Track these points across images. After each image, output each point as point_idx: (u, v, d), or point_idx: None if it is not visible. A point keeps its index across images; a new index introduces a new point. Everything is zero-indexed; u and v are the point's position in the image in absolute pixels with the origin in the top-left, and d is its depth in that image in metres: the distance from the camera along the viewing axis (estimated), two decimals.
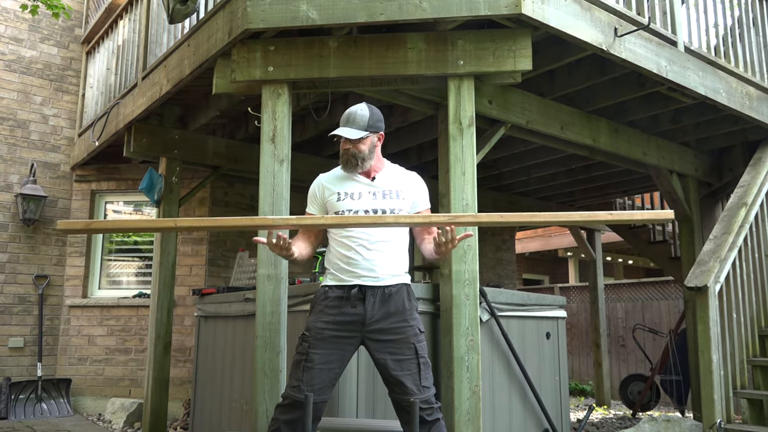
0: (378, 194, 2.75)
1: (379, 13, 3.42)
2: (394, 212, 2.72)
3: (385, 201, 2.74)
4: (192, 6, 3.93)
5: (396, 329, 2.65)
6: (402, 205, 2.76)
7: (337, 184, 2.82)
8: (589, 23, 3.69)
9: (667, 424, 4.28)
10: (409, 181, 2.84)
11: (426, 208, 2.85)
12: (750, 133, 5.51)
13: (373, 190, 2.77)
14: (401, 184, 2.81)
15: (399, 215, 2.64)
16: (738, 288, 4.52)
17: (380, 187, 2.77)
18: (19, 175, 6.53)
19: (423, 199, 2.85)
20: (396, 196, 2.76)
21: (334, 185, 2.82)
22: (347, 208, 2.74)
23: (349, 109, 2.79)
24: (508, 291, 4.36)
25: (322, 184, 2.85)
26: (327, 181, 2.85)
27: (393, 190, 2.77)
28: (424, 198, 2.86)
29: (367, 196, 2.75)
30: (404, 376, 2.61)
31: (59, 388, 6.13)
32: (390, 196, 2.76)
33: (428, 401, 2.62)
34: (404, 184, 2.82)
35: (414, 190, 2.82)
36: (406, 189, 2.80)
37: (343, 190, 2.79)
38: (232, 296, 4.43)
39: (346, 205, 2.74)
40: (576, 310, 9.74)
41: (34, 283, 6.44)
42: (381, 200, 2.74)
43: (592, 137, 4.86)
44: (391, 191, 2.77)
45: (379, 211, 2.72)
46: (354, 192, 2.77)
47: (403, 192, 2.78)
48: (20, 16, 6.68)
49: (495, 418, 4.00)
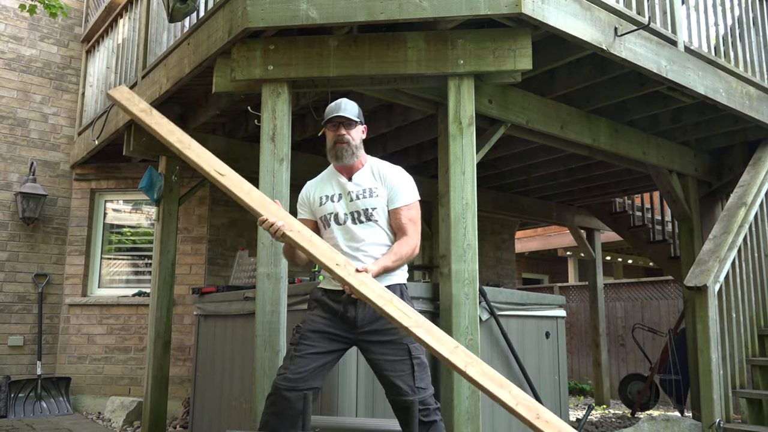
0: (353, 195, 2.76)
1: (379, 12, 3.42)
2: (368, 212, 2.73)
3: (360, 201, 2.74)
4: (192, 5, 3.93)
5: (388, 330, 2.64)
6: (376, 203, 2.75)
7: (320, 188, 2.87)
8: (589, 23, 3.69)
9: (666, 423, 4.29)
10: (384, 177, 2.79)
11: (402, 206, 2.75)
12: (750, 133, 5.51)
13: (350, 190, 2.77)
14: (377, 182, 2.78)
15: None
16: (737, 288, 4.52)
17: (357, 187, 2.78)
18: (19, 173, 6.52)
19: (399, 195, 2.76)
20: (369, 194, 2.75)
21: (318, 190, 2.87)
22: (328, 212, 2.79)
23: (335, 102, 2.81)
24: (508, 290, 4.36)
25: (308, 189, 2.92)
26: (312, 186, 2.91)
27: (367, 189, 2.77)
28: (400, 194, 2.76)
29: (345, 197, 2.78)
30: (397, 378, 2.60)
31: (59, 386, 6.13)
32: (364, 195, 2.75)
33: (424, 402, 2.60)
34: (380, 181, 2.79)
35: (389, 187, 2.77)
36: (381, 186, 2.78)
37: (325, 194, 2.82)
38: (232, 295, 4.43)
39: (326, 209, 2.79)
40: (575, 310, 9.74)
41: (33, 281, 6.44)
42: (356, 201, 2.75)
43: (592, 137, 4.86)
44: (365, 190, 2.76)
45: (355, 213, 2.74)
46: (334, 194, 2.80)
47: (378, 189, 2.77)
48: (20, 14, 6.68)
49: (494, 418, 4.00)
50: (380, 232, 2.75)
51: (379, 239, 2.75)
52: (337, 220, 2.77)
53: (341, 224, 2.76)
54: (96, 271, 6.71)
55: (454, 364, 2.34)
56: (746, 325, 4.58)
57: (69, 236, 6.67)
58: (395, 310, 2.40)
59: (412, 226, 2.75)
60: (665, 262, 7.28)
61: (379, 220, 2.74)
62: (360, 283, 2.44)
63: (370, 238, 2.72)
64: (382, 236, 2.76)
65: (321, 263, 2.52)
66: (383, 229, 2.76)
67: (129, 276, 6.77)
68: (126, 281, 6.74)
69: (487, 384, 2.29)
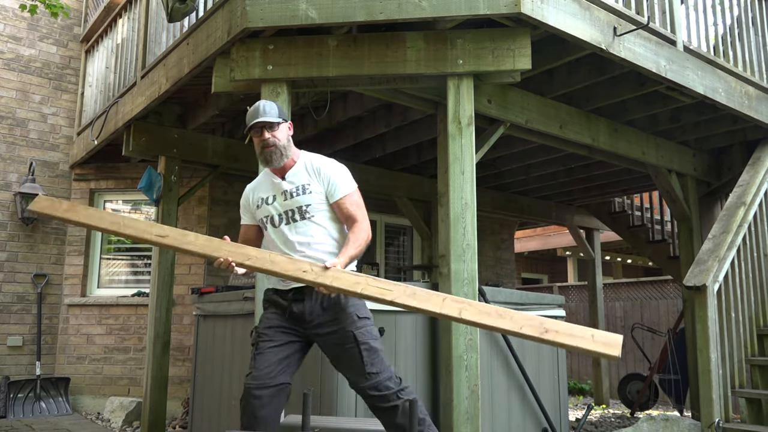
0: (287, 194, 2.74)
1: (378, 12, 3.42)
2: (302, 209, 2.71)
3: (294, 200, 2.72)
4: (191, 5, 3.93)
5: (333, 320, 2.66)
6: (310, 200, 2.72)
7: (258, 190, 2.85)
8: (588, 22, 3.69)
9: (665, 423, 4.29)
10: (318, 171, 2.76)
11: (344, 196, 2.73)
12: (749, 133, 5.51)
13: (283, 189, 2.75)
14: (309, 177, 2.75)
15: None
16: (737, 287, 4.52)
17: (290, 185, 2.75)
18: (18, 173, 6.52)
19: (337, 187, 2.74)
20: (303, 191, 2.73)
21: (256, 192, 2.86)
22: (264, 215, 2.79)
23: (253, 106, 2.76)
24: (507, 290, 4.36)
25: (247, 194, 2.91)
26: (250, 189, 2.91)
27: (300, 186, 2.74)
28: (339, 186, 2.74)
29: (279, 198, 2.76)
30: (346, 368, 2.65)
31: (58, 386, 6.12)
32: (297, 192, 2.73)
33: (377, 387, 2.58)
34: (312, 175, 2.76)
35: (323, 181, 2.75)
36: (314, 182, 2.75)
37: (261, 196, 2.81)
38: (231, 295, 4.43)
39: (262, 212, 2.79)
40: (575, 309, 9.74)
41: (32, 281, 6.44)
42: (290, 200, 2.73)
43: (592, 136, 4.86)
44: (298, 188, 2.74)
45: (289, 212, 2.72)
46: (269, 196, 2.79)
47: (311, 185, 2.74)
48: (19, 14, 6.67)
49: (494, 417, 4.00)
50: (316, 228, 2.72)
51: (316, 237, 2.71)
52: (273, 223, 2.75)
53: (276, 227, 2.75)
54: (95, 271, 6.70)
55: (449, 316, 2.35)
56: (745, 325, 4.58)
57: (68, 236, 6.67)
58: (374, 289, 2.40)
59: (359, 212, 2.73)
60: (664, 261, 7.28)
61: (314, 216, 2.71)
62: (333, 279, 2.44)
63: (305, 239, 2.70)
64: (319, 232, 2.72)
65: (289, 277, 2.52)
66: (320, 225, 2.72)
67: (128, 276, 6.77)
68: (125, 281, 6.74)
69: (487, 320, 2.32)
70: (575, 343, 2.21)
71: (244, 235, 2.90)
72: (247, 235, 2.89)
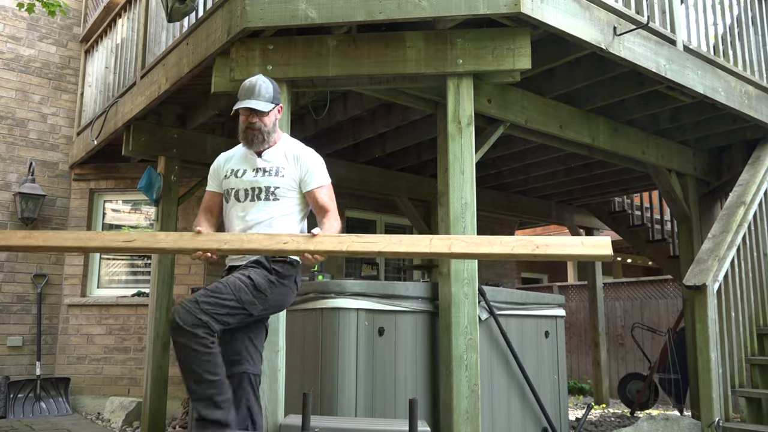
0: (260, 172, 2.75)
1: (378, 11, 3.42)
2: (270, 190, 2.71)
3: (264, 179, 2.73)
4: (190, 5, 3.93)
5: None
6: (280, 183, 2.73)
7: (231, 161, 2.85)
8: (588, 22, 3.69)
9: (665, 422, 4.28)
10: (297, 158, 2.78)
11: (320, 186, 2.76)
12: (749, 132, 5.51)
13: (257, 166, 2.76)
14: (287, 161, 2.77)
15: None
16: (737, 287, 4.52)
17: (265, 164, 2.76)
18: (18, 173, 6.52)
19: (312, 177, 2.76)
20: (275, 173, 2.74)
21: (228, 163, 2.86)
22: (229, 187, 2.79)
23: (249, 81, 2.76)
24: (507, 290, 4.36)
25: (219, 161, 2.91)
26: (224, 158, 2.91)
27: (275, 168, 2.75)
28: (316, 176, 2.77)
29: (249, 173, 2.76)
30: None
31: (58, 387, 6.12)
32: (270, 173, 2.74)
33: (209, 302, 2.50)
34: (290, 161, 2.77)
35: (300, 168, 2.76)
36: (290, 166, 2.76)
37: (232, 168, 2.81)
38: None
39: (229, 183, 2.79)
40: (575, 309, 9.74)
41: (32, 281, 6.43)
42: (261, 178, 2.73)
43: (591, 136, 4.86)
44: (272, 169, 2.75)
45: (256, 189, 2.72)
46: (240, 170, 2.79)
47: (286, 169, 2.75)
48: (18, 14, 6.67)
49: (494, 417, 4.00)
50: (278, 210, 2.72)
51: (276, 219, 2.71)
52: (237, 197, 2.76)
53: (240, 201, 2.75)
54: (95, 271, 6.70)
55: (440, 253, 2.36)
56: (745, 324, 4.58)
57: None
58: (360, 245, 2.40)
59: (332, 204, 2.77)
60: (664, 261, 7.28)
61: (279, 200, 2.72)
62: (316, 244, 2.42)
63: (265, 217, 2.70)
64: (279, 215, 2.72)
65: (270, 252, 2.50)
66: (282, 208, 2.73)
67: (128, 276, 6.77)
68: (125, 281, 6.73)
69: (477, 249, 2.33)
70: (567, 251, 2.23)
71: (208, 201, 2.89)
72: (211, 201, 2.89)
